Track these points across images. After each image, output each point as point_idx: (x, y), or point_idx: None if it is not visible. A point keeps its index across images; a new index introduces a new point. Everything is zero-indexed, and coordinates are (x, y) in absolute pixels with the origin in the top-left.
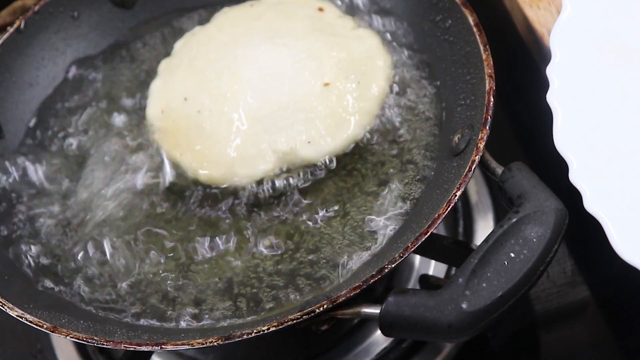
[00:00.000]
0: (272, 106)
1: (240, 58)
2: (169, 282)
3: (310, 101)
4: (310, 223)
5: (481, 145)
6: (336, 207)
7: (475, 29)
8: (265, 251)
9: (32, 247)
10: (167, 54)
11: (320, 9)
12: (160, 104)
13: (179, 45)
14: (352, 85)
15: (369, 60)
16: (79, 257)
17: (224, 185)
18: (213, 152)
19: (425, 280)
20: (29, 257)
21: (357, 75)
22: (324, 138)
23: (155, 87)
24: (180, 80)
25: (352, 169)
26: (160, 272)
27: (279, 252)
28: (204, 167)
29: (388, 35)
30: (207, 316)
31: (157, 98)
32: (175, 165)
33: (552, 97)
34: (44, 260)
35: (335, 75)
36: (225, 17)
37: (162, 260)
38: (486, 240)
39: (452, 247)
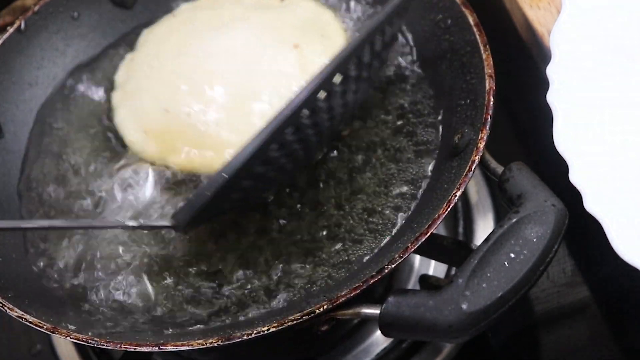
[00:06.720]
0: (259, 80)
1: (203, 53)
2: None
3: (291, 64)
4: (309, 224)
5: (481, 145)
6: (336, 207)
7: (475, 29)
8: (260, 255)
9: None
10: None
11: None
12: (139, 127)
13: (121, 75)
14: (318, 40)
15: (316, 16)
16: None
17: None
18: (220, 143)
19: (425, 280)
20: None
21: (317, 30)
22: None
23: (122, 117)
24: (149, 98)
25: (351, 169)
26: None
27: (276, 253)
28: (216, 162)
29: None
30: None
31: (132, 123)
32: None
33: (552, 97)
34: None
35: (298, 37)
36: (154, 35)
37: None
38: (486, 241)
39: (452, 247)
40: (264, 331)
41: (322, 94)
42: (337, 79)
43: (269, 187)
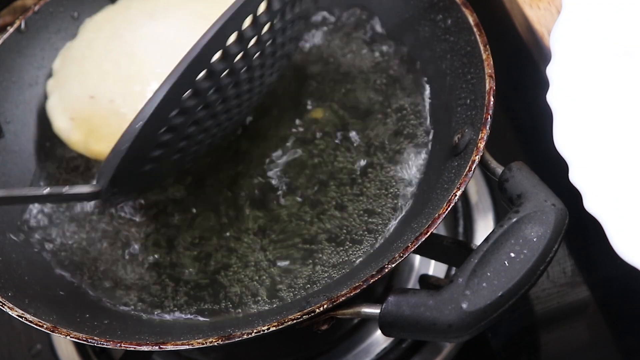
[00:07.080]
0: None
1: (132, 41)
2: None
3: None
4: (310, 225)
5: (481, 145)
6: (337, 209)
7: (475, 29)
8: (260, 254)
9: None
10: None
11: None
12: (65, 115)
13: (58, 64)
14: None
15: None
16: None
17: None
18: None
19: (425, 280)
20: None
21: None
22: None
23: (52, 105)
24: (77, 86)
25: (352, 171)
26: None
27: (276, 252)
28: None
29: (386, 36)
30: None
31: (60, 112)
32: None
33: (552, 97)
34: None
35: None
36: (92, 23)
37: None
38: (486, 240)
39: (452, 247)
40: (263, 330)
41: (233, 36)
42: (248, 23)
43: (194, 149)
